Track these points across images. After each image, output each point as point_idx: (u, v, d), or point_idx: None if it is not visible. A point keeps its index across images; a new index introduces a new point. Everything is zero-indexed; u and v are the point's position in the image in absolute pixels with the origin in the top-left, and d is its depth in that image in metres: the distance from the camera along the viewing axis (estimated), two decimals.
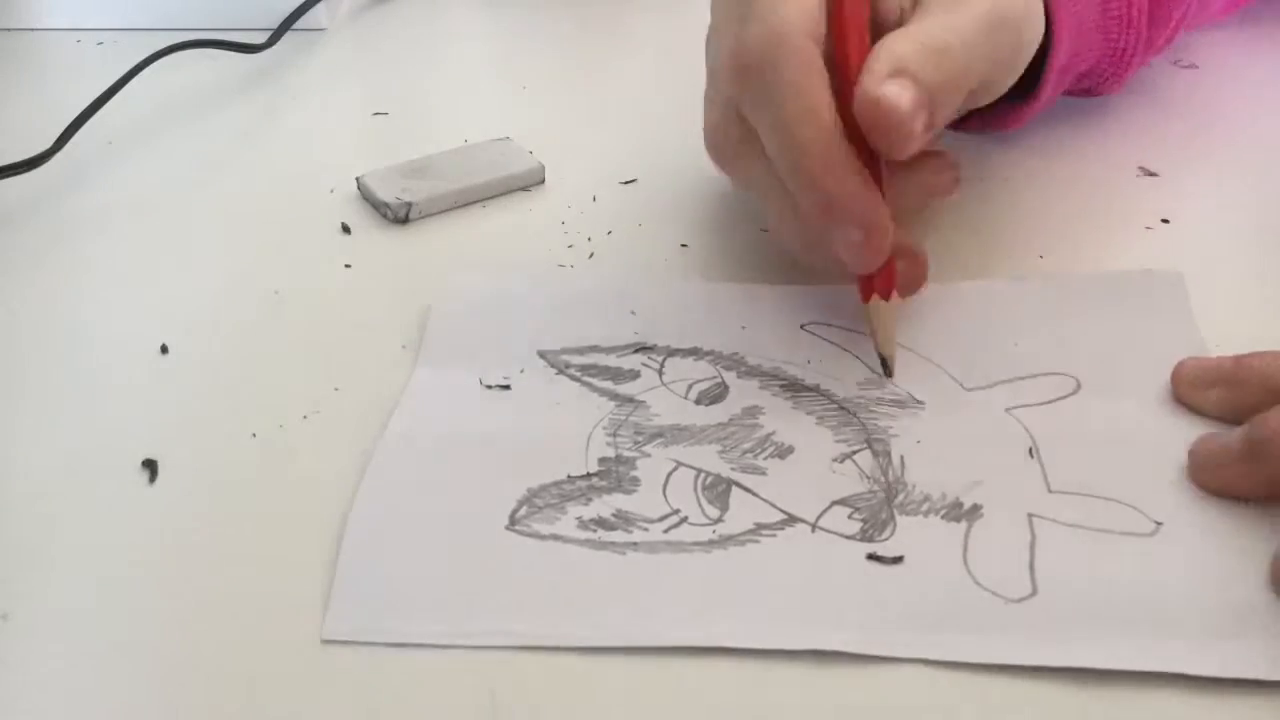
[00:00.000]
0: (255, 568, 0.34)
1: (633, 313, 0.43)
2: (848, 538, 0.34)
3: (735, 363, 0.41)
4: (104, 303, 0.46)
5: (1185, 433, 0.37)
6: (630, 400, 0.40)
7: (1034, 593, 0.32)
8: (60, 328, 0.45)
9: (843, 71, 0.39)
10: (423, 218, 0.50)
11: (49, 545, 0.35)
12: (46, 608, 0.34)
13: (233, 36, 0.62)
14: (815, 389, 0.40)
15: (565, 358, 0.41)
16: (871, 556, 0.34)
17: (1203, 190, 0.50)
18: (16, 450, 0.39)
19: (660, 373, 0.41)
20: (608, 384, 0.40)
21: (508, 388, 0.40)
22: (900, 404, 0.39)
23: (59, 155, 0.52)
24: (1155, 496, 0.35)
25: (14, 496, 0.37)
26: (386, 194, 0.50)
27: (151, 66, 0.58)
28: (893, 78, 0.38)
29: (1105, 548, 0.34)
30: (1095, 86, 0.52)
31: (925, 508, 0.35)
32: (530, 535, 0.35)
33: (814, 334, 0.42)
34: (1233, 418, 0.37)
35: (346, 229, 0.49)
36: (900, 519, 0.35)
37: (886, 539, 0.34)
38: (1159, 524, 0.34)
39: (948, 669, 0.31)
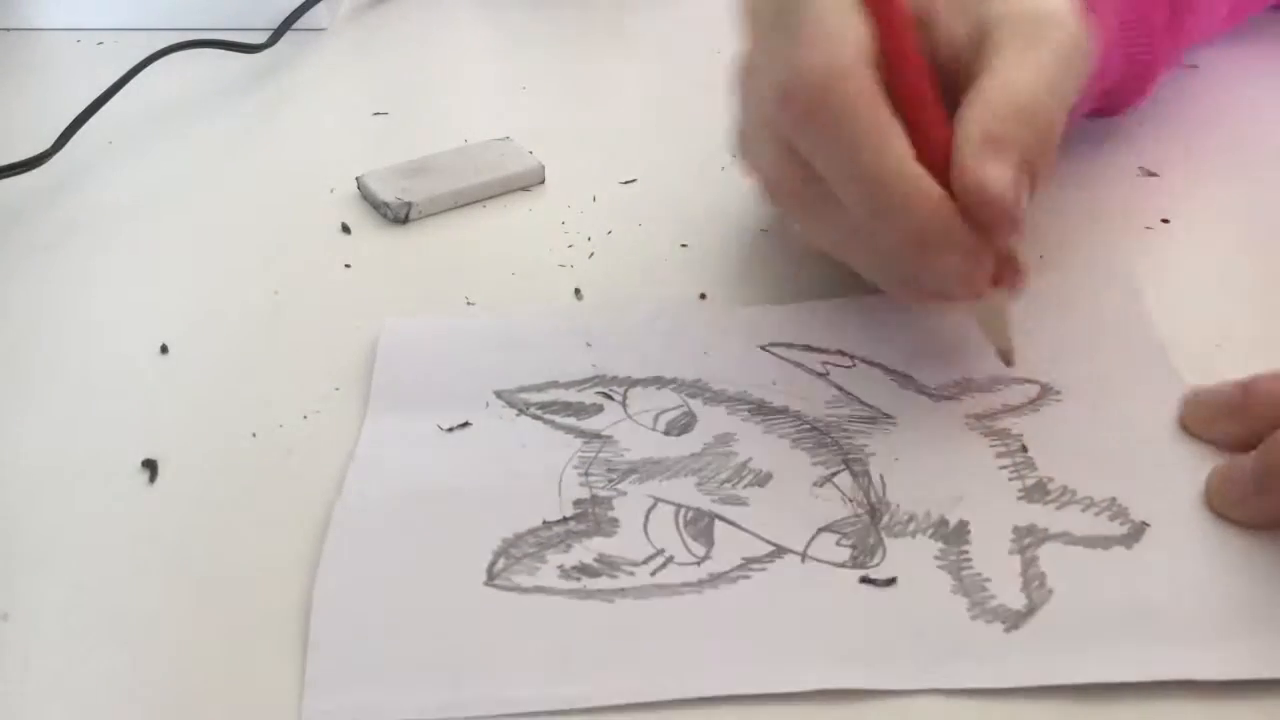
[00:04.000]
0: (255, 568, 0.34)
1: (588, 345, 0.42)
2: (838, 565, 0.34)
3: (699, 389, 0.40)
4: (104, 303, 0.46)
5: (1155, 432, 0.37)
6: (598, 436, 0.38)
7: (1031, 610, 0.32)
8: (60, 328, 0.45)
9: (911, 108, 0.36)
10: (423, 218, 0.50)
11: (49, 545, 0.35)
12: (46, 608, 0.34)
13: (233, 36, 0.62)
14: (785, 411, 0.39)
15: (524, 396, 0.40)
16: (865, 580, 0.33)
17: (1203, 190, 0.50)
18: (16, 450, 0.39)
19: (624, 405, 0.39)
20: (571, 420, 0.39)
21: (468, 424, 0.38)
22: (871, 420, 0.38)
23: (59, 155, 0.52)
24: (1136, 498, 0.35)
25: (14, 496, 0.37)
26: (386, 194, 0.50)
27: (151, 66, 0.58)
28: (986, 146, 0.35)
29: (1092, 556, 0.34)
30: (1117, 105, 0.50)
31: (912, 528, 0.35)
32: (512, 589, 0.33)
33: (775, 354, 0.41)
34: (1245, 448, 0.35)
35: (346, 229, 0.49)
36: (889, 541, 0.34)
37: (877, 564, 0.34)
38: (1145, 525, 0.34)
39: (960, 695, 0.31)
